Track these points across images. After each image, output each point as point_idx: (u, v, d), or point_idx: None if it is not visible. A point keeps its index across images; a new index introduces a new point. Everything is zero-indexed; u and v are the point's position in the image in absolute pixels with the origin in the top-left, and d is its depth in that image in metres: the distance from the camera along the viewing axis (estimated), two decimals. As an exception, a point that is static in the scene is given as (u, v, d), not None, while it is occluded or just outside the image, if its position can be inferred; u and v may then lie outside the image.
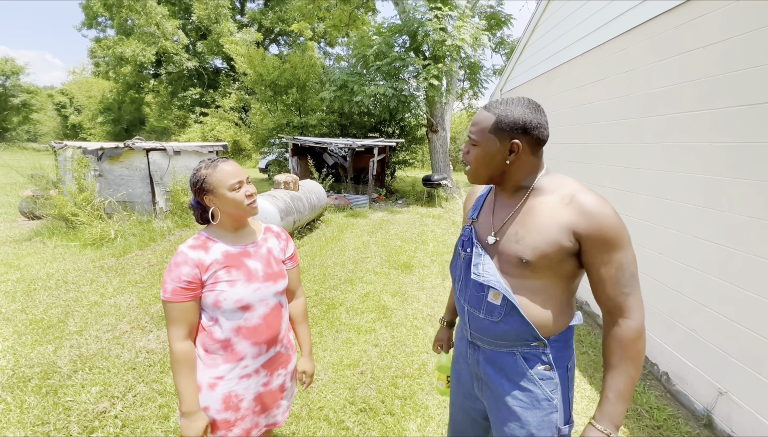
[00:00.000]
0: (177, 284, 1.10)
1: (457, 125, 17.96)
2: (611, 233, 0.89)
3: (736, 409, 1.96)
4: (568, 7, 4.09)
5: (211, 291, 1.13)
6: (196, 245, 1.16)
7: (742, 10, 1.98)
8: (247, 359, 1.20)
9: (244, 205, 1.17)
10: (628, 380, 0.91)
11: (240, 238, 1.24)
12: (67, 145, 5.83)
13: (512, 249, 0.98)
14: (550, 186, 0.99)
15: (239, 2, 24.59)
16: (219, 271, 1.14)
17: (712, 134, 2.16)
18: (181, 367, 1.11)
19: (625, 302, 0.92)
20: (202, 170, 1.17)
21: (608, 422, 0.91)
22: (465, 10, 8.93)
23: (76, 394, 2.23)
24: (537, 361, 1.01)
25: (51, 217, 5.48)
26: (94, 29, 23.62)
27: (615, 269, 0.91)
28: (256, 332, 1.20)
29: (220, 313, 1.15)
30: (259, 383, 1.25)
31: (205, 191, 1.16)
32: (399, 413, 2.15)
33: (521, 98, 0.98)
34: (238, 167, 1.20)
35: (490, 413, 1.12)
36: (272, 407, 1.32)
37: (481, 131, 0.98)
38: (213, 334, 1.16)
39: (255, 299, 1.19)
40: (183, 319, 1.12)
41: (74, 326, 3.00)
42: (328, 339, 2.92)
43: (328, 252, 5.13)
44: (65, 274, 4.07)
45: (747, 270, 1.92)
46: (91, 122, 27.13)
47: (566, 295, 1.00)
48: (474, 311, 1.05)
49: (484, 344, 1.07)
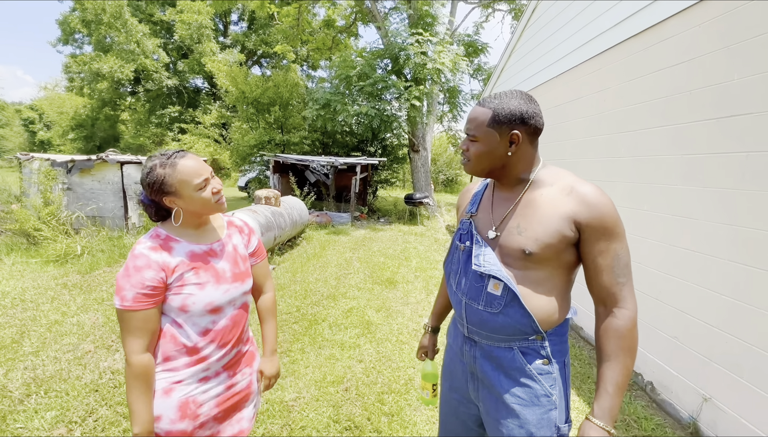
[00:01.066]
0: (139, 291, 0.98)
1: (437, 147, 18.39)
2: (610, 222, 0.91)
3: (721, 415, 1.98)
4: (542, 32, 4.33)
5: (177, 295, 1.03)
6: (157, 246, 1.04)
7: (704, 34, 2.14)
8: (210, 361, 1.10)
9: (211, 203, 1.07)
10: (625, 371, 0.90)
11: (203, 236, 1.13)
12: (34, 157, 5.55)
13: (514, 242, 0.97)
14: (548, 178, 1.00)
15: (222, 24, 24.82)
16: (186, 273, 1.04)
17: (682, 146, 2.28)
18: (138, 383, 0.99)
19: (620, 292, 0.92)
20: (158, 170, 1.02)
21: (608, 417, 0.89)
22: (444, 37, 9.34)
23: (27, 420, 2.00)
24: (535, 356, 0.99)
25: (10, 232, 5.12)
26: (70, 45, 23.14)
27: (611, 259, 0.92)
28: (223, 333, 1.11)
29: (186, 318, 1.05)
30: (222, 385, 1.14)
31: (166, 194, 1.03)
32: (386, 430, 2.04)
33: (513, 91, 0.99)
34: (200, 162, 1.08)
35: (487, 415, 1.07)
36: (237, 410, 1.19)
37: (479, 126, 0.98)
38: (177, 339, 1.05)
39: (224, 301, 1.10)
40: (144, 328, 1.00)
41: (30, 347, 2.75)
42: (310, 355, 2.79)
43: (309, 268, 5.00)
44: (23, 292, 3.76)
45: (724, 275, 1.99)
46: (61, 138, 26.10)
47: (566, 286, 1.00)
48: (472, 303, 1.02)
49: (481, 339, 1.04)
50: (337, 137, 11.58)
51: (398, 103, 8.90)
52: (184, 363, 1.07)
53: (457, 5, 12.10)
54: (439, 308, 1.40)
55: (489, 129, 0.97)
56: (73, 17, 20.31)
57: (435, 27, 9.71)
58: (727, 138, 1.99)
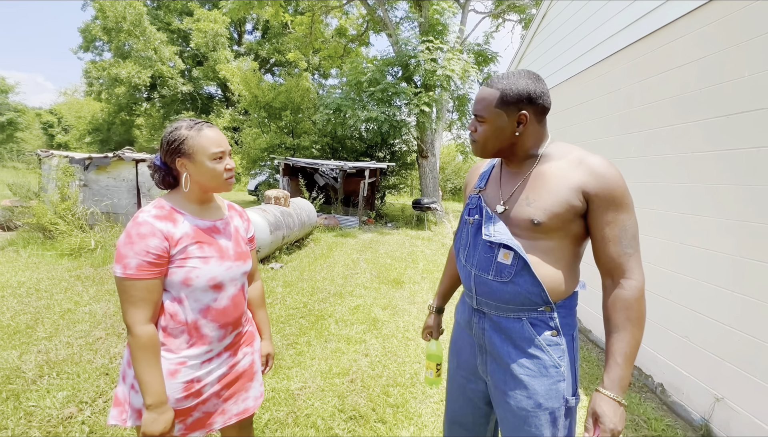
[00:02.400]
0: (143, 259, 0.96)
1: (446, 155, 18.47)
2: (617, 193, 0.92)
3: (734, 415, 1.93)
4: (551, 38, 4.38)
5: (180, 268, 1.02)
6: (162, 216, 1.02)
7: (713, 33, 2.16)
8: (212, 343, 1.10)
9: (221, 178, 1.07)
10: (633, 342, 0.90)
11: (207, 212, 1.14)
12: (53, 153, 5.72)
13: (523, 213, 0.98)
14: (557, 153, 1.01)
15: (237, 33, 25.47)
16: (190, 246, 1.03)
17: (692, 144, 2.28)
18: (146, 354, 0.97)
19: (627, 262, 0.93)
20: (182, 130, 1.03)
21: (618, 388, 0.89)
22: (455, 45, 9.46)
23: (40, 399, 2.04)
24: (544, 327, 0.99)
25: (28, 226, 5.26)
26: (90, 52, 23.93)
27: (619, 230, 0.93)
28: (224, 314, 1.11)
29: (188, 292, 1.04)
30: (225, 365, 1.15)
31: (181, 154, 1.03)
32: (391, 421, 2.04)
33: (521, 70, 1.01)
34: (223, 136, 1.08)
35: (495, 388, 1.07)
36: (241, 390, 1.20)
37: (486, 107, 0.99)
38: (177, 316, 1.04)
39: (227, 279, 1.10)
40: (148, 299, 0.98)
41: (43, 333, 2.81)
42: (316, 348, 2.80)
43: (317, 268, 5.03)
44: (38, 282, 3.85)
45: (734, 272, 1.96)
46: (78, 141, 26.84)
47: (574, 258, 1.01)
48: (482, 274, 1.04)
49: (490, 310, 1.05)
50: (346, 142, 11.71)
51: (408, 109, 8.99)
52: (185, 343, 1.06)
53: (467, 15, 12.27)
54: (444, 289, 1.41)
55: (497, 110, 0.98)
56: (94, 25, 21.04)
57: (445, 36, 9.84)
58: (737, 135, 1.99)
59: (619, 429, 0.86)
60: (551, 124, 4.27)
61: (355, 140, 11.56)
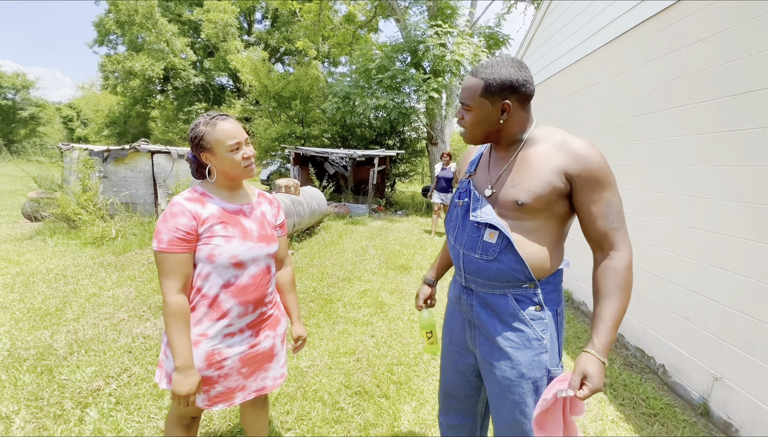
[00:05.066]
0: (174, 234, 1.08)
1: (457, 141, 18.26)
2: (599, 173, 0.96)
3: (732, 394, 1.96)
4: (561, 20, 4.28)
5: (206, 245, 1.13)
6: (192, 198, 1.15)
7: (720, 11, 2.11)
8: (232, 317, 1.18)
9: (240, 167, 1.17)
10: (621, 308, 0.96)
11: (235, 197, 1.24)
12: (74, 146, 5.95)
13: (509, 194, 1.03)
14: (541, 136, 1.05)
15: (247, 23, 25.46)
16: (215, 225, 1.14)
17: (696, 126, 2.25)
18: (176, 320, 1.08)
19: (615, 236, 0.98)
20: (200, 127, 1.14)
21: (604, 351, 0.94)
22: (465, 29, 9.28)
23: (71, 373, 2.22)
24: (528, 303, 1.05)
25: (53, 216, 5.53)
26: (105, 46, 24.37)
27: (604, 206, 0.98)
28: (244, 291, 1.19)
29: (212, 268, 1.14)
30: (245, 343, 1.23)
31: (203, 149, 1.15)
32: (394, 396, 2.14)
33: (505, 58, 1.04)
34: (238, 127, 1.17)
35: (483, 361, 1.14)
36: (260, 370, 1.30)
37: (472, 97, 1.03)
38: (201, 290, 1.15)
39: (248, 258, 1.19)
40: (178, 271, 1.10)
41: (72, 314, 3.01)
42: (324, 329, 2.92)
43: (327, 254, 5.15)
44: (65, 269, 4.09)
45: (737, 254, 1.96)
46: (96, 135, 27.57)
47: (558, 237, 1.05)
48: (470, 253, 1.10)
49: (477, 287, 1.11)
50: (356, 130, 11.73)
51: (417, 95, 8.93)
52: (207, 316, 1.16)
53: (477, -3, 11.96)
54: (439, 265, 1.48)
55: (481, 99, 1.02)
56: (108, 19, 21.36)
57: (455, 19, 9.65)
58: (742, 115, 1.96)
59: (601, 386, 0.92)
60: (561, 108, 4.22)
61: (364, 128, 11.57)
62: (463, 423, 1.34)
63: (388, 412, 2.01)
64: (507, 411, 1.09)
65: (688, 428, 2.01)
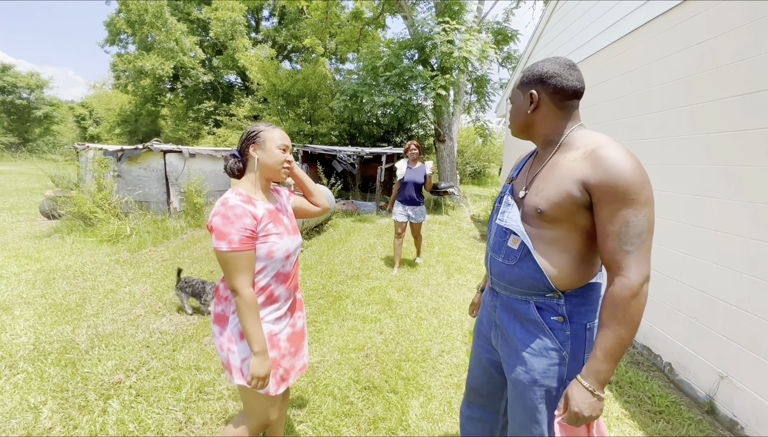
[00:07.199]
0: (243, 234, 1.17)
1: (465, 138, 18.16)
2: (622, 187, 0.87)
3: (738, 393, 1.98)
4: (569, 17, 4.25)
5: (263, 243, 1.23)
6: (245, 200, 1.23)
7: (731, 9, 2.09)
8: (281, 302, 1.32)
9: (281, 165, 1.30)
10: (616, 339, 0.89)
11: (269, 198, 1.37)
12: (89, 146, 6.10)
13: (532, 201, 1.03)
14: (577, 141, 1.00)
15: (254, 20, 25.54)
16: (268, 224, 1.25)
17: (706, 125, 2.25)
18: (252, 311, 1.18)
19: (623, 260, 0.88)
20: (260, 126, 1.31)
21: (593, 379, 0.91)
22: (472, 25, 9.21)
23: (93, 366, 2.33)
24: (551, 312, 1.03)
25: (70, 215, 5.69)
26: (116, 45, 24.68)
27: (620, 225, 0.88)
28: (289, 276, 1.34)
29: (269, 262, 1.26)
30: (288, 324, 1.37)
31: (254, 141, 1.29)
32: (402, 391, 2.20)
33: (551, 57, 1.05)
34: (288, 138, 1.36)
35: (503, 361, 1.17)
36: (300, 348, 1.44)
37: (513, 89, 1.11)
38: (257, 284, 1.26)
39: (293, 249, 1.34)
40: (249, 267, 1.19)
41: (91, 310, 3.13)
42: (334, 326, 2.99)
43: (335, 252, 5.23)
44: (82, 266, 4.22)
45: (745, 254, 1.97)
46: (108, 133, 28.02)
47: (584, 249, 0.99)
48: (495, 255, 1.12)
49: (501, 289, 1.13)
50: (363, 128, 11.76)
51: (424, 93, 8.91)
52: (262, 304, 1.27)
53: (486, -8, 11.83)
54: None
55: (517, 90, 1.09)
56: (118, 19, 21.63)
57: (462, 15, 9.59)
58: (752, 114, 1.95)
59: (584, 414, 0.90)
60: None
61: (372, 125, 11.60)
62: (484, 418, 1.37)
63: (397, 407, 2.07)
64: (520, 412, 1.11)
65: (694, 425, 2.03)
